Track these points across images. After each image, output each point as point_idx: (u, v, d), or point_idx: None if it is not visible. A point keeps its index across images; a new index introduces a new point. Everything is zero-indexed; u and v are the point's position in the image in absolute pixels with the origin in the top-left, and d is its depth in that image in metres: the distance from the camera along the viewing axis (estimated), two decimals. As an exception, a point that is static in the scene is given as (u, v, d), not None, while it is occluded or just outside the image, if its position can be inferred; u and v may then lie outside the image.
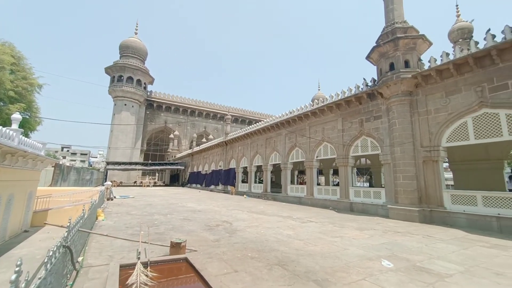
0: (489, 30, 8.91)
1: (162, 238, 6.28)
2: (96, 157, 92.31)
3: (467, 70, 9.32)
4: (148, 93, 46.82)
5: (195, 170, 38.41)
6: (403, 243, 6.08)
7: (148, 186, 36.99)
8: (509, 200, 8.14)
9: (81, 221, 4.78)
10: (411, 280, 3.77)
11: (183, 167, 41.83)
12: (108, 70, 42.59)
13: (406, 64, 10.98)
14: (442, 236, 7.04)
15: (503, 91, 8.41)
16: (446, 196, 9.57)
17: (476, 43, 9.10)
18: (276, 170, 23.58)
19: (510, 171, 28.79)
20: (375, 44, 12.17)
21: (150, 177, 40.08)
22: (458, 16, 18.07)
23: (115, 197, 17.24)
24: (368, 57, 12.66)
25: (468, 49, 9.25)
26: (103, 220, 8.86)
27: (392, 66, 11.26)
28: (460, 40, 17.28)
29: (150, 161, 42.10)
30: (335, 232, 7.34)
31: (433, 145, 10.02)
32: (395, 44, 11.12)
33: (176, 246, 4.93)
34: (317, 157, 15.95)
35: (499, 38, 8.51)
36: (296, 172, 29.77)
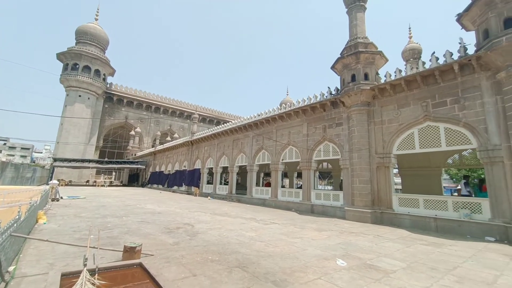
0: (433, 53, 10.12)
1: (115, 243, 5.80)
2: (41, 153, 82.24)
3: (416, 86, 10.44)
4: (108, 85, 43.28)
5: (157, 169, 36.53)
6: (356, 243, 6.52)
7: (102, 186, 34.04)
8: (444, 203, 9.30)
9: (15, 224, 4.17)
10: (361, 277, 4.04)
11: (144, 167, 39.49)
12: (61, 56, 38.33)
13: (366, 76, 11.89)
14: (390, 235, 7.73)
15: (442, 107, 9.60)
16: (395, 199, 10.56)
17: (423, 63, 10.26)
18: (242, 171, 23.62)
19: (447, 177, 32.99)
20: (339, 56, 12.96)
21: (106, 176, 36.95)
22: (410, 37, 20.20)
23: (61, 197, 15.49)
24: (333, 67, 13.43)
25: (417, 68, 10.38)
26: (44, 223, 7.87)
27: (353, 77, 12.09)
28: (411, 59, 19.31)
29: (106, 159, 38.88)
30: (296, 233, 7.57)
31: (385, 152, 10.98)
32: (357, 57, 11.99)
33: (130, 251, 4.59)
34: (282, 160, 16.36)
35: (442, 60, 9.72)
36: (262, 174, 30.16)
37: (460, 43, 9.35)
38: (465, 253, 5.83)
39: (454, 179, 33.23)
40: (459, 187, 29.48)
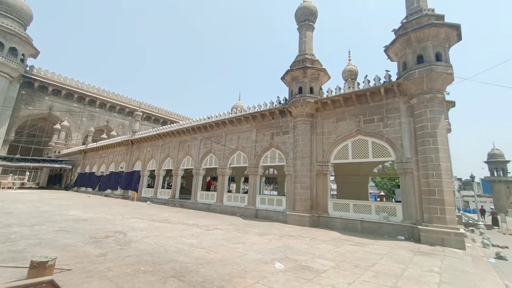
0: (366, 76, 11.64)
1: (19, 258, 4.77)
2: None
3: (351, 103, 11.79)
4: (28, 68, 36.33)
5: (87, 170, 32.07)
6: (294, 246, 6.86)
7: (10, 188, 28.00)
8: (369, 207, 10.64)
9: None
10: (296, 278, 4.24)
11: (70, 166, 34.19)
12: (-39, 24, 30.56)
13: (311, 90, 12.89)
14: (324, 238, 8.40)
15: (371, 123, 11.06)
16: (330, 204, 11.58)
17: (358, 84, 11.70)
18: (188, 175, 22.59)
19: (373, 184, 38.03)
20: (289, 68, 13.77)
21: (17, 177, 30.56)
22: (349, 60, 22.92)
23: None
24: (282, 78, 14.16)
25: (353, 88, 11.77)
26: None
27: (300, 90, 12.97)
28: (349, 79, 21.85)
29: (18, 156, 32.23)
30: (238, 239, 7.54)
31: (324, 161, 12.01)
32: (304, 71, 12.92)
33: (38, 266, 3.80)
34: (230, 164, 16.29)
35: (372, 84, 11.23)
36: (208, 178, 29.40)
37: (386, 71, 11.02)
38: (382, 251, 6.74)
39: (378, 186, 38.55)
40: (381, 193, 34.43)
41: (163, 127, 22.21)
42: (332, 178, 18.94)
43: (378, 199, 27.10)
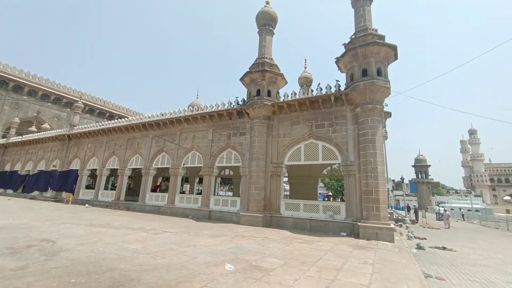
0: (319, 84, 12.43)
1: None
2: None
3: (305, 109, 12.45)
4: None
5: (7, 169, 27.15)
6: (246, 246, 6.88)
7: None
8: (317, 206, 11.36)
9: None
10: (245, 278, 4.24)
11: (-15, 163, 28.43)
12: None
13: (269, 93, 13.21)
14: (275, 237, 8.64)
15: (321, 128, 11.85)
16: (282, 204, 12.00)
17: (312, 90, 12.44)
18: (136, 175, 20.91)
19: (322, 185, 40.84)
20: (248, 70, 13.89)
21: None
22: (305, 67, 24.29)
23: None
24: (241, 79, 14.20)
25: (307, 94, 12.46)
26: None
27: (258, 92, 13.18)
28: (305, 85, 23.13)
29: None
30: (189, 242, 7.24)
31: (279, 163, 12.41)
32: (263, 74, 13.18)
33: None
34: (184, 164, 15.62)
35: (324, 91, 12.05)
36: (159, 181, 27.71)
37: (337, 80, 11.97)
38: (326, 247, 7.24)
39: (327, 187, 41.60)
40: (329, 193, 37.26)
41: (110, 122, 20.16)
42: (285, 179, 19.72)
43: (326, 199, 29.25)
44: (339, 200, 31.89)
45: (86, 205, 17.57)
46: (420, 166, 51.24)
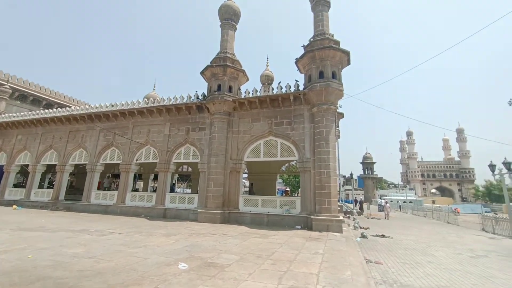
0: (279, 82, 12.73)
1: None
2: None
3: (266, 106, 12.64)
4: None
5: None
6: (202, 244, 6.74)
7: None
8: (274, 202, 11.71)
9: None
10: (199, 276, 4.14)
11: None
12: None
13: (230, 89, 13.06)
14: (233, 233, 8.65)
15: (281, 126, 12.19)
16: (241, 200, 12.06)
17: (273, 89, 12.69)
18: (80, 172, 18.76)
19: (281, 181, 42.27)
20: (209, 64, 13.51)
21: None
22: (267, 66, 24.66)
23: None
24: (202, 73, 13.75)
25: (268, 92, 12.68)
26: None
27: (219, 87, 12.93)
28: (266, 83, 23.50)
29: None
30: (139, 242, 6.77)
31: (238, 159, 12.40)
32: (224, 69, 12.96)
33: None
34: (137, 160, 14.56)
35: (284, 90, 12.40)
36: (109, 176, 25.34)
37: (296, 80, 12.41)
38: (282, 240, 7.52)
39: (285, 183, 43.23)
40: (287, 189, 38.78)
41: (47, 111, 17.64)
42: (245, 175, 19.84)
43: (284, 194, 30.41)
44: (296, 195, 33.44)
45: (14, 206, 15.12)
46: (367, 163, 56.79)
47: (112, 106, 15.39)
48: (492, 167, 14.39)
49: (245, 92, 13.07)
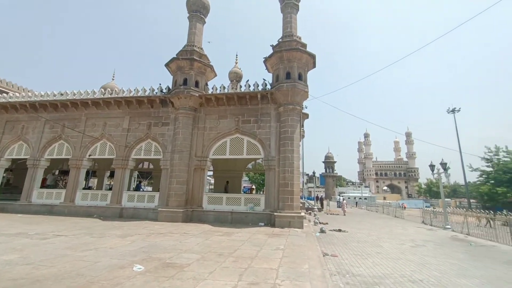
0: (247, 81, 12.73)
1: None
2: None
3: (233, 103, 12.54)
4: None
5: None
6: (161, 244, 6.43)
7: None
8: (239, 199, 11.72)
9: None
10: (155, 278, 3.93)
11: None
12: None
13: (197, 84, 12.66)
14: (195, 232, 8.42)
15: (248, 124, 12.22)
16: (205, 198, 11.81)
17: (241, 86, 12.63)
18: (19, 167, 16.50)
19: (246, 179, 42.45)
20: (175, 56, 12.91)
21: None
22: (236, 63, 24.49)
23: None
24: (167, 65, 13.08)
25: (236, 89, 12.59)
26: None
27: (185, 81, 12.45)
28: (234, 80, 23.31)
29: None
30: (89, 245, 6.20)
31: (203, 156, 12.11)
32: (191, 63, 12.50)
33: None
34: (90, 155, 13.31)
35: (252, 88, 12.43)
36: (54, 172, 22.72)
37: (264, 79, 12.54)
38: (245, 237, 7.55)
39: (251, 181, 43.54)
40: (253, 186, 39.14)
41: (-24, 96, 15.10)
42: (210, 173, 19.48)
43: (249, 192, 30.64)
44: (261, 192, 33.99)
45: None
46: (328, 162, 60.18)
47: (62, 95, 13.82)
48: (432, 167, 16.35)
49: (212, 88, 12.80)
